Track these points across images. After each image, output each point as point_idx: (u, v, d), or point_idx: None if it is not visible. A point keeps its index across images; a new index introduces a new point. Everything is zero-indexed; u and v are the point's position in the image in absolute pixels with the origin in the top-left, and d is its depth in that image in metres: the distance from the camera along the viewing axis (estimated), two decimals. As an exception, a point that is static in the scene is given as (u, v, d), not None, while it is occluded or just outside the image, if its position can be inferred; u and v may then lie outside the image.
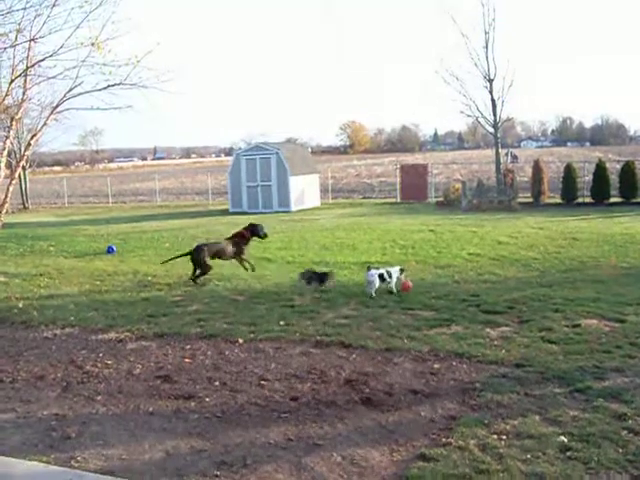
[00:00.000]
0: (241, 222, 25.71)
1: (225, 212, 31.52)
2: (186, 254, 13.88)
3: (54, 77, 15.54)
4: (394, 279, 11.80)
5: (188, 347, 9.00)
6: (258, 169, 31.30)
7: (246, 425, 6.28)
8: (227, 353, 8.64)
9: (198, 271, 13.38)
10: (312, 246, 18.17)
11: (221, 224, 25.53)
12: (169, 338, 9.46)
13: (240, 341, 9.12)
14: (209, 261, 13.46)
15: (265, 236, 14.61)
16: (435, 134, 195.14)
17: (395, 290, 11.67)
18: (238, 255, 14.02)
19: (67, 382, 7.76)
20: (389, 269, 11.94)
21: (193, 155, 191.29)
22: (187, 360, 8.42)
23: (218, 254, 13.78)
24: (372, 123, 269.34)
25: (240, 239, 14.16)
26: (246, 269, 13.95)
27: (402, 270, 12.15)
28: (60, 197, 46.78)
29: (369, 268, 11.88)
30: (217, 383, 7.50)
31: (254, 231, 14.31)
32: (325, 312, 10.53)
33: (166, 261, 14.76)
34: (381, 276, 11.66)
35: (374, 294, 11.49)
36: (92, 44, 13.15)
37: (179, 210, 34.75)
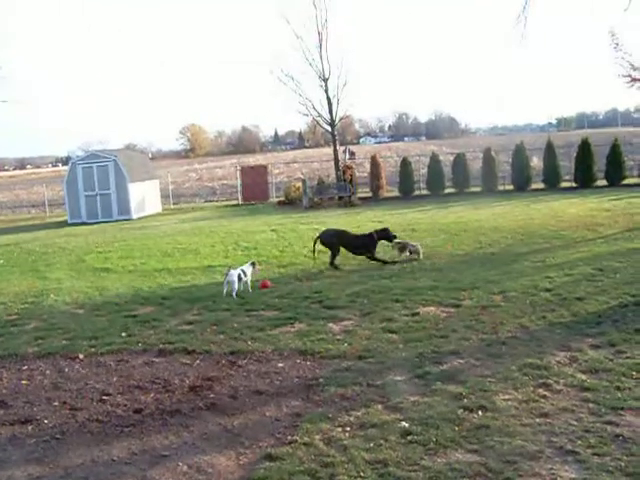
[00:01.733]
0: (80, 233, 24.99)
1: (64, 224, 30.36)
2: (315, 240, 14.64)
3: None
4: (249, 276, 11.91)
5: (25, 368, 8.59)
6: (96, 178, 30.36)
7: (88, 444, 6.06)
8: (67, 370, 8.32)
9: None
10: (154, 253, 17.82)
11: (59, 236, 24.59)
12: (4, 360, 8.97)
13: (80, 357, 8.81)
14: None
15: (394, 237, 14.81)
16: (276, 134, 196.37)
17: (250, 288, 11.82)
18: (366, 253, 14.42)
19: None
20: (243, 268, 12.01)
21: (28, 166, 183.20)
22: (24, 382, 8.03)
23: (344, 243, 14.47)
24: (212, 125, 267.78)
25: (369, 239, 14.49)
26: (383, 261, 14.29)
27: (253, 264, 12.30)
28: None
29: (229, 269, 11.93)
30: (56, 403, 7.20)
31: (384, 235, 14.66)
32: (168, 319, 10.37)
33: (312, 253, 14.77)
34: (238, 276, 11.69)
35: (235, 295, 11.51)
36: None
37: (14, 224, 33.15)
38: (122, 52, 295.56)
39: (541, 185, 30.25)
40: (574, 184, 29.87)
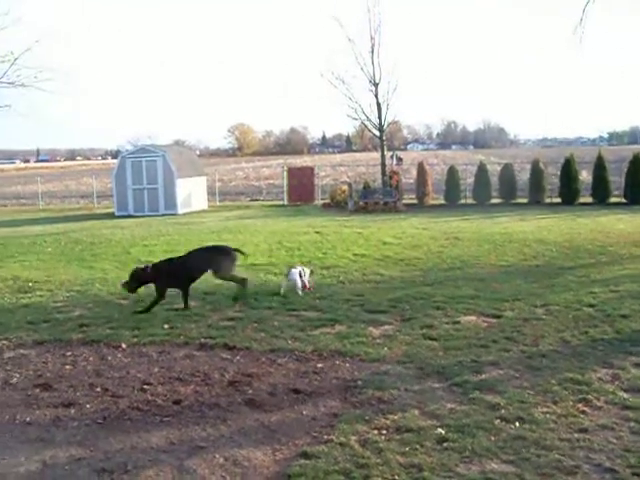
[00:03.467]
0: (126, 225, 25.36)
1: (111, 215, 30.83)
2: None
3: None
4: (306, 278, 12.00)
5: (69, 354, 8.77)
6: (144, 172, 30.76)
7: (127, 430, 6.19)
8: (109, 358, 8.48)
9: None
10: (199, 249, 17.98)
11: (106, 228, 24.98)
12: (49, 345, 9.19)
13: (123, 346, 8.97)
14: None
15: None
16: (323, 136, 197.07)
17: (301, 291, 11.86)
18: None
19: (-62, 394, 7.43)
20: (303, 268, 12.17)
21: (78, 157, 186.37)
22: (68, 367, 8.21)
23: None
24: (261, 125, 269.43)
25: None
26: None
27: (312, 272, 12.45)
28: None
29: (290, 268, 12.12)
30: (98, 389, 7.35)
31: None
32: (210, 314, 10.49)
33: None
34: (299, 274, 11.84)
35: (300, 292, 11.70)
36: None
37: (63, 214, 33.73)
38: (176, 49, 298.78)
39: (589, 199, 29.80)
40: (623, 200, 29.36)
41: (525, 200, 30.16)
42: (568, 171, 29.67)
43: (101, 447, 5.85)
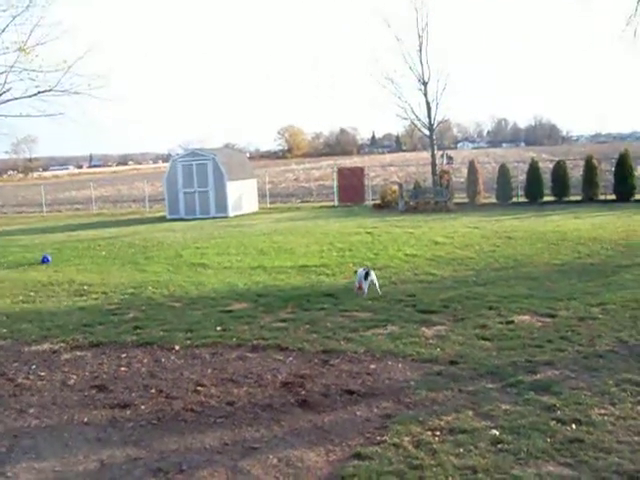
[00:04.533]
0: (178, 228, 25.67)
1: (162, 219, 31.22)
2: None
3: (-20, 83, 15.22)
4: (374, 277, 11.97)
5: (124, 355, 8.90)
6: (195, 175, 31.06)
7: (182, 431, 6.25)
8: (163, 360, 8.58)
9: None
10: (250, 251, 18.13)
11: (158, 231, 25.31)
12: (105, 347, 9.34)
13: (176, 348, 9.07)
14: None
15: None
16: (373, 137, 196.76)
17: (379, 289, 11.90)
18: None
19: (-2, 395, 7.60)
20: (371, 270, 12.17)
21: (130, 162, 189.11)
22: (123, 369, 8.33)
23: None
24: (310, 127, 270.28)
25: None
26: None
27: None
28: (-8, 207, 45.70)
29: (361, 268, 12.16)
30: (153, 390, 7.45)
31: None
32: (262, 316, 10.53)
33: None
34: (366, 275, 11.85)
35: (380, 291, 11.77)
36: (19, 49, 12.90)
37: (116, 218, 34.29)
38: (227, 53, 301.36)
39: (646, 196, 29.19)
40: (682, 196, 28.68)
41: (578, 197, 29.62)
42: (623, 167, 29.03)
43: (156, 447, 5.92)
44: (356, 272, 12.27)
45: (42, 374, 8.28)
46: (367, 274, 11.83)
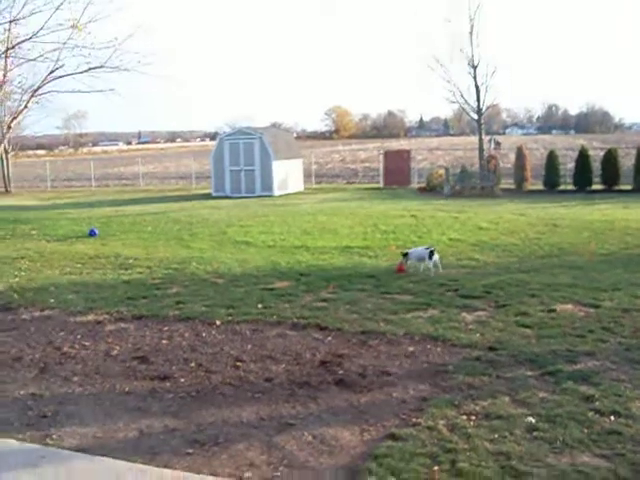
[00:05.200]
0: (223, 206, 25.86)
1: (208, 196, 31.49)
2: None
3: (35, 59, 15.49)
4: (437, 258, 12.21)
5: (166, 329, 9.05)
6: (242, 153, 31.23)
7: (220, 405, 6.36)
8: (204, 335, 8.71)
9: None
10: (294, 230, 18.22)
11: (204, 208, 25.57)
12: (147, 320, 9.50)
13: (217, 323, 9.18)
14: None
15: None
16: (421, 120, 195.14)
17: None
18: None
19: (44, 363, 7.79)
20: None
21: (178, 139, 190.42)
22: (164, 341, 8.47)
23: None
24: (358, 108, 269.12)
25: None
26: None
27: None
28: (43, 181, 46.39)
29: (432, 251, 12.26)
30: (193, 364, 7.56)
31: None
32: (304, 295, 10.59)
33: None
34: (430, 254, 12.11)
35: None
36: (72, 26, 13.07)
37: (162, 194, 34.67)
38: (275, 32, 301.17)
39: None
40: None
41: (629, 187, 29.11)
42: (677, 156, 28.41)
43: (194, 419, 6.03)
44: (406, 254, 12.34)
45: (86, 344, 8.46)
46: (432, 253, 12.03)
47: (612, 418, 5.80)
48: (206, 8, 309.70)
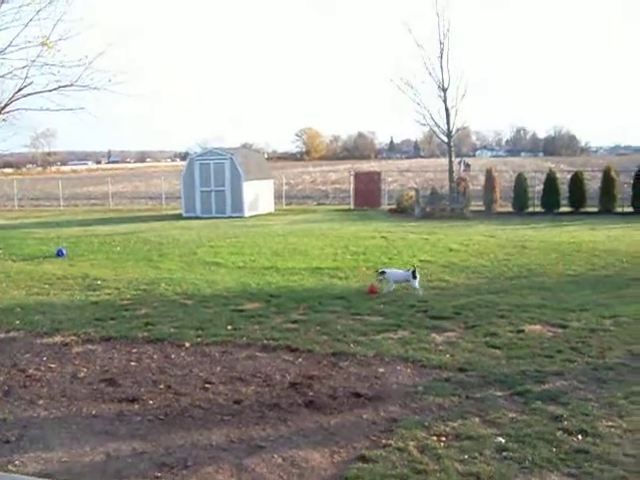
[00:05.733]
0: (193, 226, 25.76)
1: (179, 217, 31.34)
2: None
3: (2, 76, 15.35)
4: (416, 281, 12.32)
5: (134, 350, 8.96)
6: (212, 174, 31.14)
7: (188, 427, 6.30)
8: (173, 357, 8.63)
9: None
10: (264, 251, 18.17)
11: (174, 228, 25.42)
12: (116, 342, 9.40)
13: (187, 345, 9.11)
14: None
15: None
16: (391, 142, 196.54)
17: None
18: None
19: (9, 386, 7.66)
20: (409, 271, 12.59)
21: (148, 159, 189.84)
22: (133, 363, 8.38)
23: None
24: (328, 130, 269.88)
25: None
26: None
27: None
28: (10, 199, 45.90)
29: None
30: (162, 386, 7.49)
31: None
32: (274, 317, 10.55)
33: None
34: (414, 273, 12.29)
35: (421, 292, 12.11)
36: (42, 43, 12.99)
37: (132, 214, 34.44)
38: (245, 53, 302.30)
39: (664, 209, 28.95)
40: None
41: (595, 209, 29.50)
42: (641, 180, 28.84)
43: (162, 442, 5.96)
44: (382, 272, 12.50)
45: (53, 366, 8.35)
46: (414, 273, 12.22)
47: (580, 437, 5.86)
48: (175, 28, 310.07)
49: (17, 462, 5.64)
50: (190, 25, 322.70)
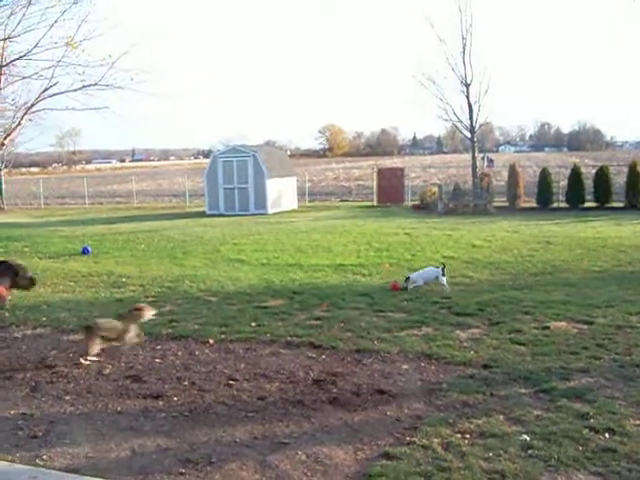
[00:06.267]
0: (217, 224, 25.84)
1: (202, 214, 31.47)
2: None
3: (29, 77, 15.52)
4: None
5: (159, 347, 9.01)
6: (235, 171, 31.24)
7: (213, 424, 6.31)
8: (197, 353, 8.66)
9: None
10: (287, 248, 18.20)
11: (197, 226, 25.54)
12: (140, 338, 9.45)
13: (211, 341, 9.14)
14: None
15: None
16: (414, 138, 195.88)
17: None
18: None
19: (36, 382, 7.73)
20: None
21: (172, 157, 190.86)
22: (157, 360, 8.42)
23: None
24: (351, 126, 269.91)
25: None
26: None
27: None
28: (36, 198, 46.38)
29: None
30: (186, 383, 7.52)
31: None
32: (297, 313, 10.56)
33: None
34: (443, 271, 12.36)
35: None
36: (67, 44, 13.09)
37: (156, 212, 34.64)
38: (270, 50, 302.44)
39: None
40: None
41: (621, 204, 29.23)
42: (668, 174, 28.52)
43: (187, 438, 5.98)
44: (408, 279, 12.37)
45: (78, 363, 8.40)
46: (443, 270, 12.31)
47: (607, 435, 5.78)
48: (198, 28, 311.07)
49: (45, 457, 5.69)
50: (214, 25, 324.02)
